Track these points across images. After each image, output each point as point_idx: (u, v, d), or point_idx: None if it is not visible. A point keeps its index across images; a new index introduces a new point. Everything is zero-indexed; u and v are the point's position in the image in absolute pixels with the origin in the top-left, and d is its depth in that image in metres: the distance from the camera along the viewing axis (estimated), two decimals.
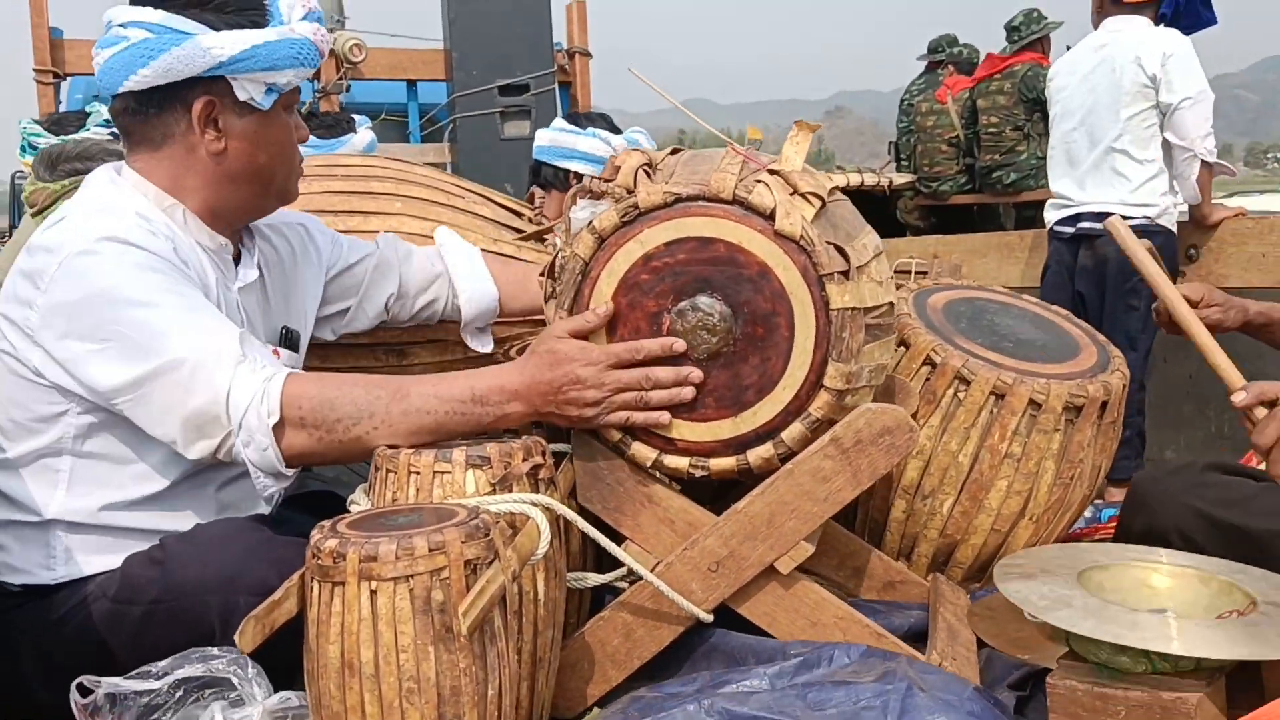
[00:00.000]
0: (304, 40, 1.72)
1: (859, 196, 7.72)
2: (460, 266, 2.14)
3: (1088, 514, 2.54)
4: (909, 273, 3.43)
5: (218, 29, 1.67)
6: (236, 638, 1.26)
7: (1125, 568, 1.56)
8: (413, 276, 2.11)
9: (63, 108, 5.16)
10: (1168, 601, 1.50)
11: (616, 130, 3.55)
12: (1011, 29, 6.72)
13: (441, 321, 2.20)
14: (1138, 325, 3.43)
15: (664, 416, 1.56)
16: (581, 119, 3.51)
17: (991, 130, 6.73)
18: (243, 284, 1.80)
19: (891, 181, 7.68)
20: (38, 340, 1.60)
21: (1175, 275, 3.51)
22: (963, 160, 7.20)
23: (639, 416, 1.55)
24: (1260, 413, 1.51)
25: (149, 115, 1.71)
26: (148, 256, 1.61)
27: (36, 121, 3.20)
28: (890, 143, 8.57)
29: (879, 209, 7.81)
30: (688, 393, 1.55)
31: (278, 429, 1.54)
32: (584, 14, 5.80)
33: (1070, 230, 3.69)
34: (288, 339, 1.90)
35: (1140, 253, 1.82)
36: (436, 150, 5.66)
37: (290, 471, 1.59)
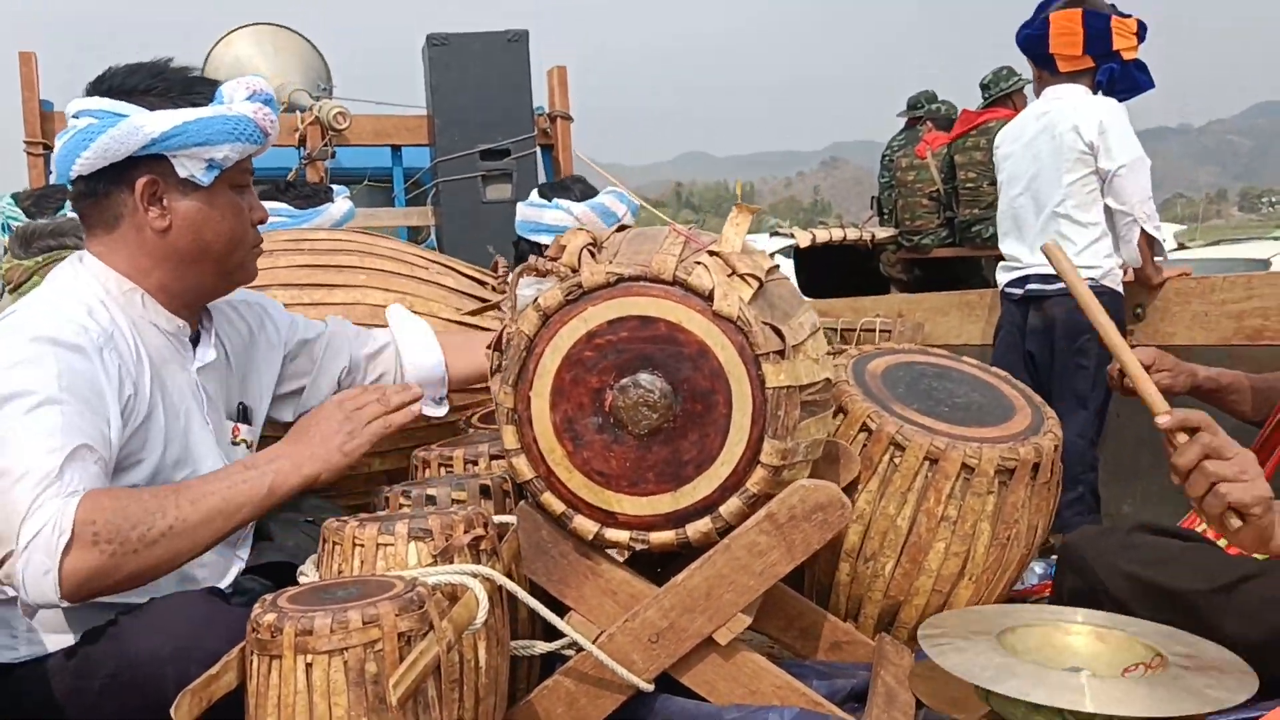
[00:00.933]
0: (240, 117, 1.79)
1: (843, 250, 7.85)
2: (406, 338, 2.24)
3: (1039, 570, 2.60)
4: (873, 331, 3.50)
5: (153, 109, 1.75)
6: (173, 711, 1.30)
7: (1044, 628, 1.61)
8: (362, 351, 2.20)
9: (52, 178, 5.27)
10: (1083, 660, 1.55)
11: (593, 192, 3.64)
12: (983, 86, 6.86)
13: None
14: (1086, 384, 3.50)
15: (415, 408, 1.84)
16: (549, 190, 3.61)
17: (969, 185, 6.83)
18: (201, 364, 1.87)
19: (875, 235, 7.79)
20: None
21: (1124, 334, 3.59)
22: (943, 214, 7.30)
23: (396, 418, 1.82)
24: (1181, 438, 1.57)
25: (99, 198, 1.79)
26: (58, 360, 1.62)
27: (14, 198, 3.29)
28: (873, 197, 8.69)
29: (863, 262, 7.92)
30: (417, 390, 1.84)
31: (67, 549, 1.50)
32: (565, 79, 5.92)
33: (1019, 292, 3.78)
34: (244, 414, 1.97)
35: (1076, 279, 1.87)
36: (420, 213, 5.76)
37: (58, 598, 1.52)
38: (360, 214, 5.27)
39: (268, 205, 2.21)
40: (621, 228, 1.91)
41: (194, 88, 1.80)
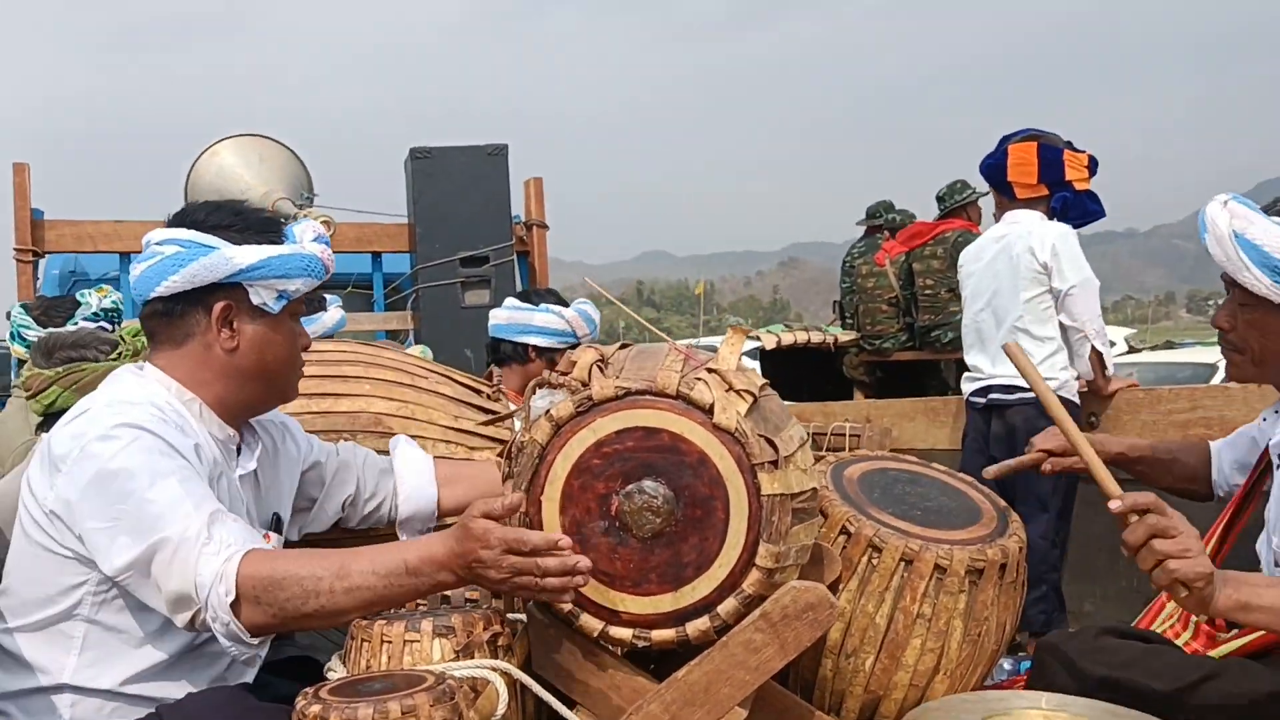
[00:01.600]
0: (312, 256, 2.01)
1: (807, 352, 8.08)
2: (406, 473, 2.35)
3: (1008, 666, 2.74)
4: (844, 435, 3.67)
5: (239, 244, 1.95)
6: None
7: (1018, 714, 1.75)
8: (367, 480, 2.32)
9: (39, 284, 5.39)
10: None
11: (564, 303, 3.84)
12: (939, 199, 7.20)
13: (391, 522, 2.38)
14: (1048, 488, 3.72)
15: (565, 596, 1.70)
16: (533, 296, 3.79)
17: (928, 292, 7.11)
18: (243, 472, 2.02)
19: (837, 338, 8.03)
20: (60, 516, 1.80)
21: None
22: (903, 319, 7.56)
23: (543, 596, 1.70)
24: (1133, 518, 1.73)
25: (174, 317, 1.97)
26: (156, 441, 1.82)
27: (24, 308, 3.42)
28: (835, 301, 8.96)
29: (826, 364, 8.16)
30: (579, 580, 1.67)
31: (235, 606, 1.71)
32: (540, 190, 6.16)
33: (983, 401, 4.05)
34: (276, 524, 2.11)
35: (1034, 373, 2.06)
36: (400, 318, 5.93)
37: (255, 640, 1.75)
38: None
39: None
40: (623, 345, 2.08)
41: (269, 226, 2.02)
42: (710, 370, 1.85)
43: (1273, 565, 2.11)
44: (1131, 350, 14.14)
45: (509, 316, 3.76)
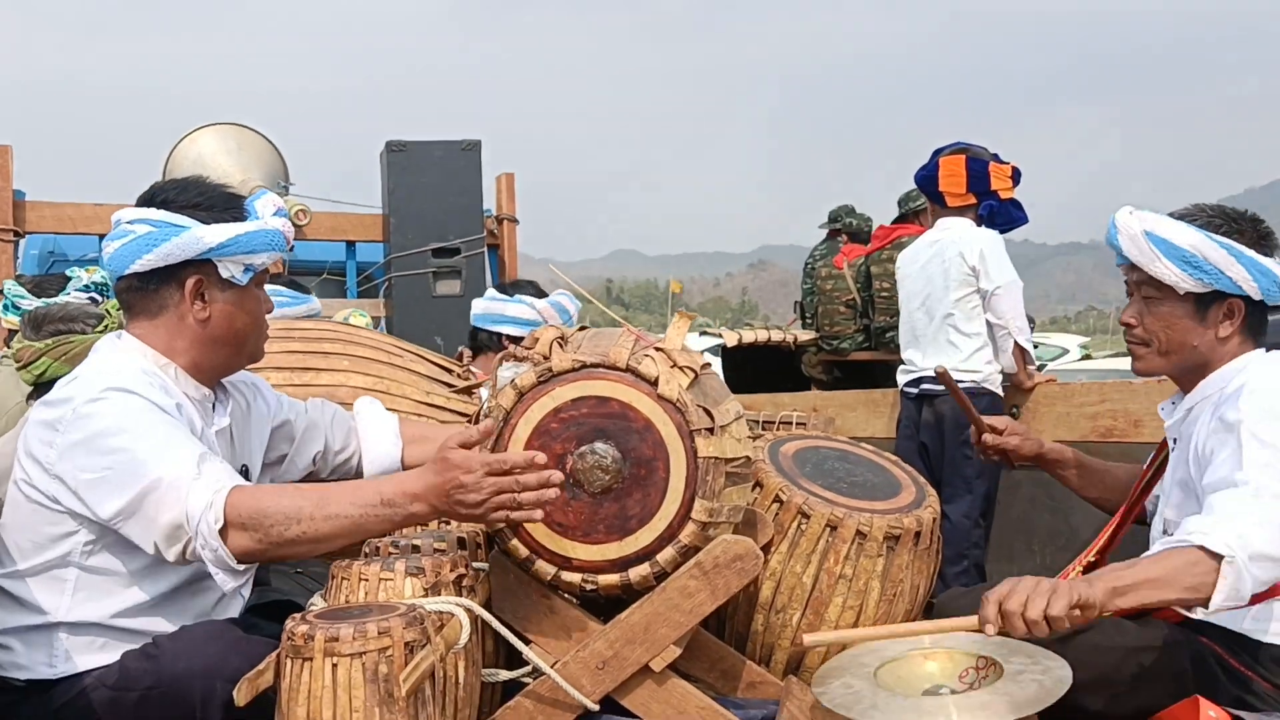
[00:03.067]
0: (275, 230, 2.19)
1: (768, 351, 8.33)
2: (370, 431, 2.55)
3: None
4: (790, 423, 3.91)
5: (207, 223, 2.12)
6: (235, 693, 1.65)
7: (907, 659, 1.98)
8: (335, 436, 2.52)
9: (19, 262, 5.55)
10: (942, 679, 1.93)
11: (543, 294, 4.05)
12: (899, 202, 7.47)
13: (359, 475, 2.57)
14: (974, 471, 4.03)
15: (536, 513, 1.87)
16: (509, 288, 4.02)
17: (884, 295, 7.36)
18: (218, 428, 2.21)
19: (796, 338, 8.29)
20: (56, 473, 1.99)
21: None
22: (860, 321, 7.82)
23: (516, 515, 1.86)
24: (1014, 621, 1.85)
25: (148, 291, 2.15)
26: (142, 401, 2.01)
27: (19, 280, 3.59)
28: (796, 301, 9.21)
29: (786, 363, 8.41)
30: (551, 493, 1.85)
31: (223, 532, 1.90)
32: (512, 185, 6.38)
33: (915, 391, 4.38)
34: (246, 474, 2.30)
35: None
36: (373, 305, 6.12)
37: (242, 567, 1.94)
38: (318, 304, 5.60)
39: (273, 288, 2.58)
40: (582, 328, 2.30)
41: (233, 203, 2.19)
42: (658, 349, 2.07)
43: (1160, 534, 2.35)
44: (1086, 358, 14.51)
45: (486, 307, 3.98)
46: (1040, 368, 8.27)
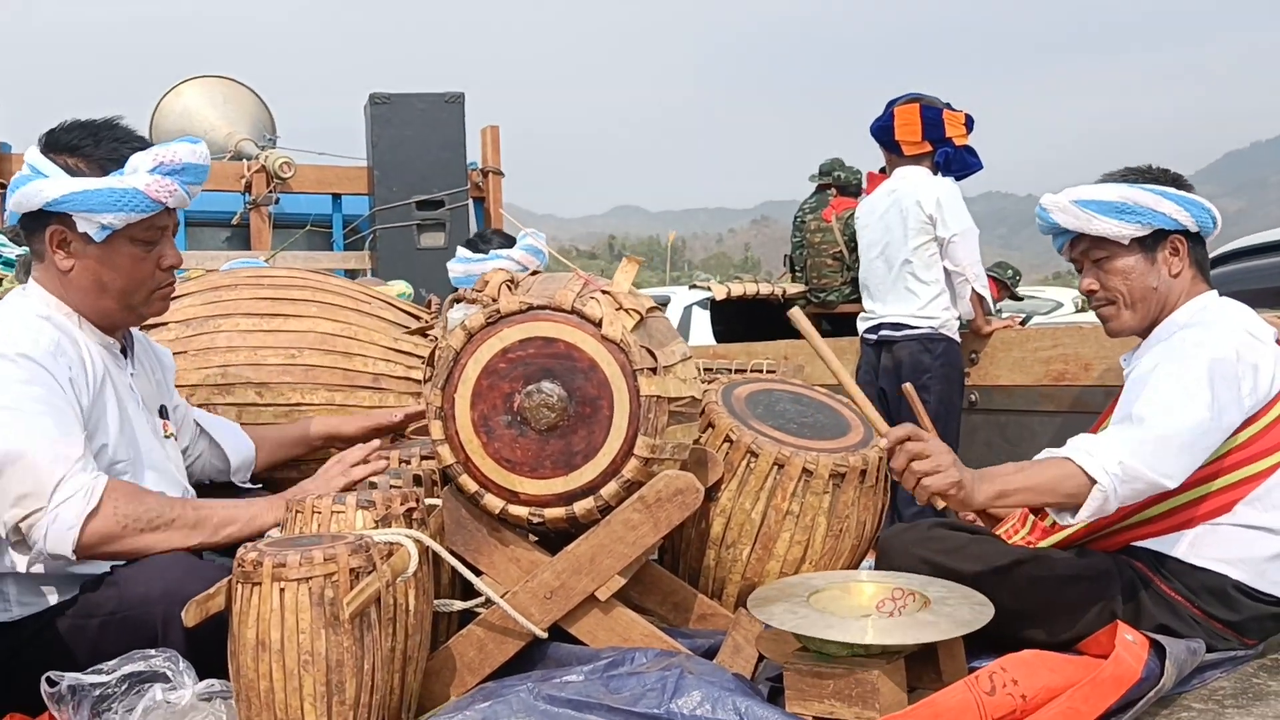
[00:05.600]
0: (129, 190, 2.03)
1: (757, 303, 8.39)
2: (223, 430, 2.57)
3: (869, 564, 3.06)
4: (761, 371, 3.98)
5: (72, 174, 2.04)
6: (183, 614, 1.72)
7: (842, 587, 2.07)
8: (184, 434, 2.50)
9: (6, 216, 5.59)
10: (870, 608, 2.02)
11: (511, 240, 4.11)
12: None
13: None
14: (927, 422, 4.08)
15: (380, 464, 2.21)
16: (479, 244, 4.06)
17: None
18: (133, 371, 2.25)
19: (785, 290, 8.34)
20: None
21: (961, 374, 4.20)
22: (846, 273, 7.86)
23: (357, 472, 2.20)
24: (897, 449, 2.01)
25: (32, 236, 2.15)
26: (31, 369, 1.98)
27: (2, 231, 3.65)
28: (785, 255, 9.26)
29: (776, 315, 8.47)
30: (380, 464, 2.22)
31: (91, 515, 1.93)
32: (497, 137, 6.41)
33: (874, 337, 4.44)
34: (165, 414, 2.35)
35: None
36: (358, 257, 6.18)
37: (73, 555, 1.94)
38: (300, 256, 5.67)
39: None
40: (534, 273, 2.36)
41: (112, 155, 2.07)
42: (604, 292, 2.13)
43: None
44: (1080, 310, 14.54)
45: (465, 269, 4.02)
46: (1026, 320, 8.33)
